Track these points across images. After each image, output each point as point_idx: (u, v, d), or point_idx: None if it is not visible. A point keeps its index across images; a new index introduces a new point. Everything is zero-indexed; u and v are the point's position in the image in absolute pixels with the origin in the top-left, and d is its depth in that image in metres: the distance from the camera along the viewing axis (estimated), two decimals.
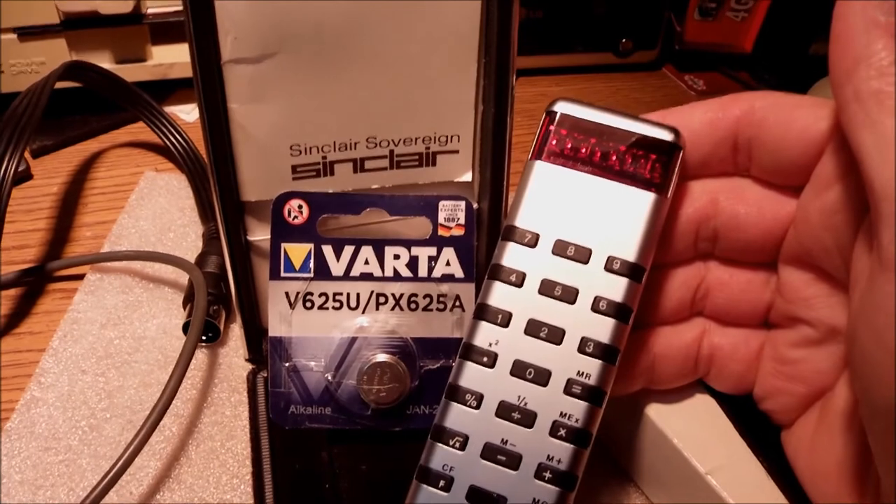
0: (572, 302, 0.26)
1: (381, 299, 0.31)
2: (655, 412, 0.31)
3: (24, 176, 0.49)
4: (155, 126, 0.48)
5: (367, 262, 0.31)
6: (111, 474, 0.29)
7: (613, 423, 0.32)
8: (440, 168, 0.32)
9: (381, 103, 0.30)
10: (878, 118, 0.21)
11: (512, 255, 0.27)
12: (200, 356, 0.38)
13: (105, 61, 0.52)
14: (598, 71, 0.64)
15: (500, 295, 0.26)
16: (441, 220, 0.31)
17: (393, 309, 0.31)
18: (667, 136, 0.27)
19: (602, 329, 0.26)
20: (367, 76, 0.29)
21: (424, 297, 0.31)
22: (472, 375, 0.26)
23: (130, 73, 0.51)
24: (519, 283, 0.27)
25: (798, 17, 0.60)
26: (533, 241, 0.27)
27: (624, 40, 0.62)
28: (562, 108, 0.28)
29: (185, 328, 0.37)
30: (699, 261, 0.29)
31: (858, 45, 0.21)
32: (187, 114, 0.56)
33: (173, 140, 0.48)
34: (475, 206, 0.32)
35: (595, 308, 0.26)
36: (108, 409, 0.35)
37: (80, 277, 0.42)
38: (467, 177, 0.32)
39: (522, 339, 0.26)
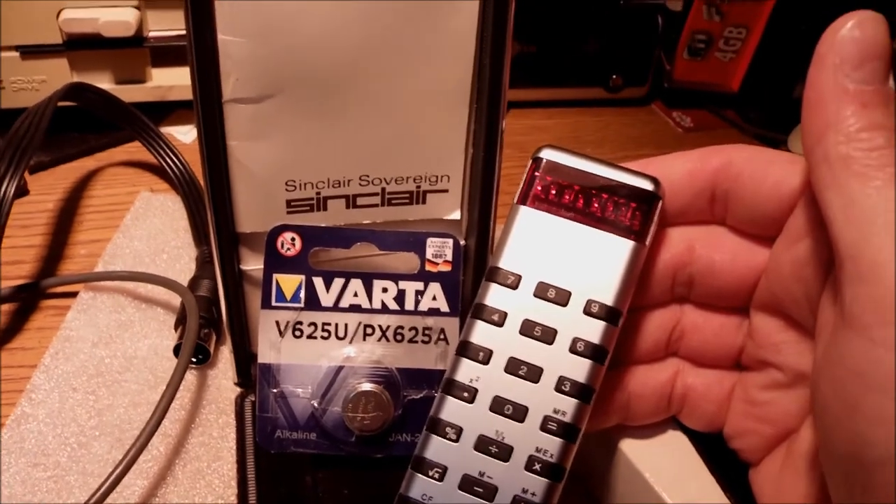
0: (551, 342, 0.27)
1: (368, 330, 0.32)
2: (629, 447, 0.32)
3: (20, 191, 0.50)
4: (152, 147, 0.49)
5: (356, 295, 0.32)
6: (100, 492, 0.30)
7: (588, 456, 0.33)
8: (430, 206, 0.33)
9: (374, 144, 0.31)
10: (845, 181, 0.22)
11: (495, 296, 0.28)
12: (190, 378, 0.39)
13: (105, 82, 0.53)
14: (588, 105, 0.65)
15: (481, 333, 0.27)
16: (429, 255, 0.32)
17: (379, 340, 0.32)
18: (647, 185, 0.28)
19: (579, 369, 0.27)
20: (361, 118, 0.30)
21: (410, 329, 0.33)
22: (452, 409, 0.27)
23: (130, 93, 0.53)
24: (500, 323, 0.27)
25: (783, 60, 0.61)
26: (515, 283, 0.28)
27: (614, 76, 0.63)
28: (547, 154, 0.29)
29: (176, 350, 0.38)
30: (675, 304, 0.30)
31: (829, 111, 0.23)
32: (184, 134, 0.57)
33: (169, 162, 0.49)
34: (462, 243, 0.33)
35: (573, 349, 0.27)
36: (98, 427, 0.36)
37: (74, 295, 0.43)
38: (455, 215, 0.33)
39: (502, 376, 0.27)
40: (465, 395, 0.27)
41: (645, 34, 0.62)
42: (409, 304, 0.32)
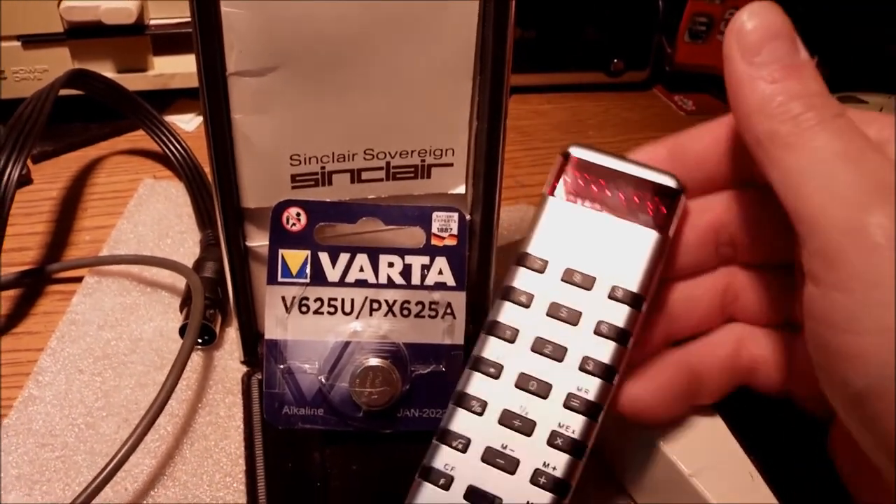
0: (575, 324, 0.28)
1: (375, 305, 0.32)
2: None
3: (24, 180, 0.50)
4: (155, 135, 0.49)
5: (361, 270, 0.32)
6: (107, 470, 0.30)
7: (603, 427, 0.33)
8: (434, 180, 0.33)
9: (378, 117, 0.31)
10: (777, 156, 0.24)
11: (522, 279, 0.29)
12: (196, 358, 0.39)
13: (107, 70, 0.53)
14: (589, 90, 0.65)
15: (509, 313, 0.29)
16: (434, 230, 0.32)
17: (386, 315, 0.32)
18: (670, 182, 0.29)
19: (602, 350, 0.28)
20: (365, 91, 0.30)
21: (417, 304, 0.33)
22: (478, 385, 0.28)
23: (131, 82, 0.52)
24: (527, 304, 0.29)
25: None
26: (542, 268, 0.29)
27: (615, 60, 0.63)
28: (576, 151, 0.30)
29: (182, 331, 0.38)
30: (724, 266, 0.31)
31: (747, 99, 0.25)
32: (186, 123, 0.57)
33: (172, 149, 0.49)
34: (468, 217, 0.33)
35: (597, 331, 0.28)
36: (105, 407, 0.36)
37: (79, 280, 0.43)
38: (461, 189, 0.33)
39: (528, 354, 0.28)
40: (492, 370, 0.28)
41: (645, 17, 0.62)
42: (416, 279, 0.32)
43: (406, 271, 0.32)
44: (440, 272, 0.33)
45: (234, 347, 0.39)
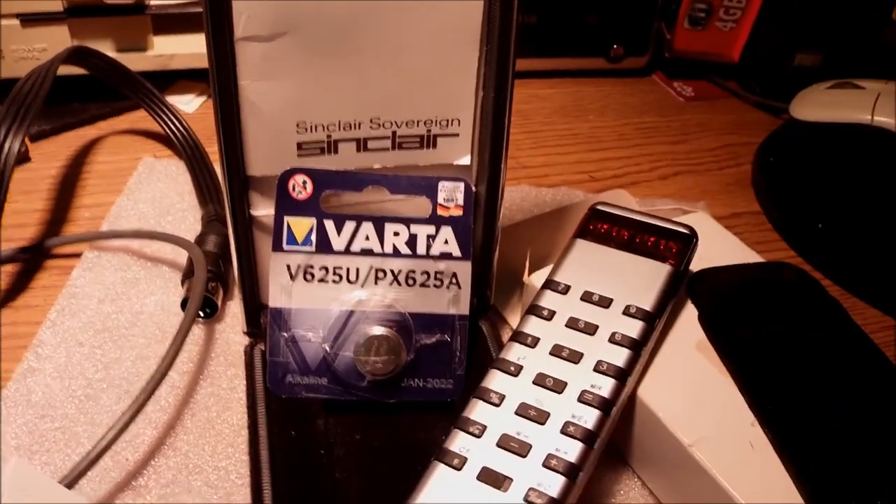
0: (592, 334, 0.31)
1: (380, 274, 0.32)
2: (643, 389, 0.32)
3: (22, 158, 0.50)
4: (155, 113, 0.49)
5: (367, 238, 0.32)
6: (106, 439, 0.30)
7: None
8: (440, 150, 0.33)
9: (385, 86, 0.31)
10: None
11: (547, 298, 0.33)
12: (197, 331, 0.39)
13: (106, 50, 0.53)
14: (589, 75, 0.65)
15: (532, 325, 0.32)
16: (440, 200, 0.32)
17: (391, 284, 0.32)
18: (685, 230, 0.34)
19: (616, 355, 0.30)
20: (372, 59, 0.30)
21: (422, 273, 0.33)
22: (499, 381, 0.30)
23: (131, 62, 0.52)
24: (549, 318, 0.32)
25: (783, 29, 0.62)
26: (565, 290, 0.33)
27: (615, 46, 0.64)
28: (601, 206, 0.36)
29: (184, 304, 0.38)
30: None
31: None
32: (186, 104, 0.57)
33: (173, 127, 0.48)
34: (473, 188, 0.33)
35: (611, 339, 0.31)
36: (105, 379, 0.36)
37: (78, 255, 0.43)
38: (466, 160, 0.33)
39: (546, 357, 0.31)
40: (512, 369, 0.30)
41: (645, 4, 0.62)
42: (421, 249, 0.32)
43: (412, 241, 0.32)
44: (445, 242, 0.33)
45: (237, 321, 0.39)
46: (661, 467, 0.33)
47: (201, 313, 0.38)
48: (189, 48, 0.54)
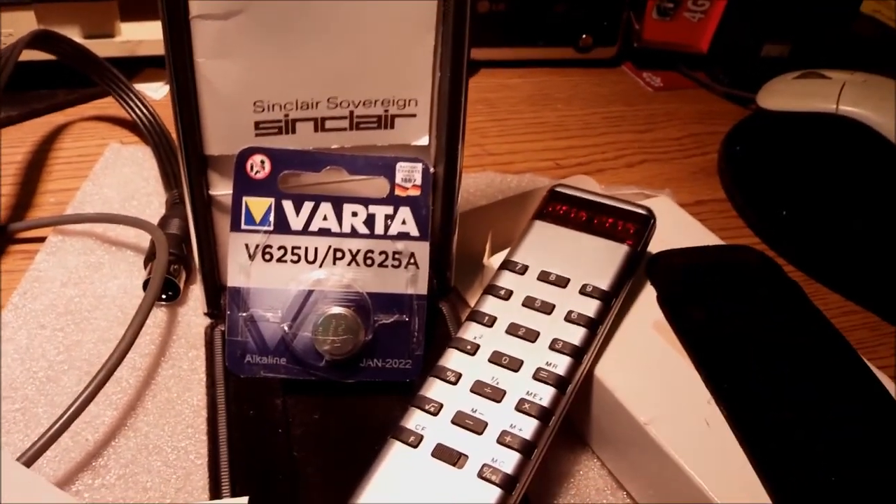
0: (549, 313, 0.31)
1: (339, 254, 0.32)
2: (600, 368, 0.32)
3: None
4: (122, 99, 0.49)
5: (325, 218, 0.32)
6: (64, 418, 0.30)
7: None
8: (398, 131, 0.33)
9: (342, 65, 0.31)
10: None
11: (505, 278, 0.33)
12: (159, 314, 0.39)
13: (74, 35, 0.53)
14: (558, 65, 0.66)
15: (489, 304, 0.32)
16: (398, 180, 0.33)
17: (349, 264, 0.33)
18: (643, 211, 0.34)
19: (572, 334, 0.31)
20: (329, 38, 0.31)
21: (380, 253, 0.33)
22: (455, 359, 0.30)
23: (99, 48, 0.52)
24: (506, 297, 0.32)
25: (750, 20, 0.62)
26: (523, 270, 0.33)
27: (584, 36, 0.64)
28: (560, 188, 0.36)
29: (146, 286, 0.38)
30: None
31: None
32: (155, 91, 0.56)
33: (140, 113, 0.48)
34: (431, 169, 0.33)
35: (568, 318, 0.31)
36: (66, 361, 0.36)
37: (42, 240, 0.42)
38: (424, 140, 0.34)
39: (503, 336, 0.31)
40: (469, 348, 0.30)
41: None
42: (379, 229, 0.33)
43: (370, 221, 0.33)
44: (403, 222, 0.33)
45: (199, 304, 0.38)
46: (619, 447, 0.33)
47: (164, 296, 0.38)
48: (157, 34, 0.53)
